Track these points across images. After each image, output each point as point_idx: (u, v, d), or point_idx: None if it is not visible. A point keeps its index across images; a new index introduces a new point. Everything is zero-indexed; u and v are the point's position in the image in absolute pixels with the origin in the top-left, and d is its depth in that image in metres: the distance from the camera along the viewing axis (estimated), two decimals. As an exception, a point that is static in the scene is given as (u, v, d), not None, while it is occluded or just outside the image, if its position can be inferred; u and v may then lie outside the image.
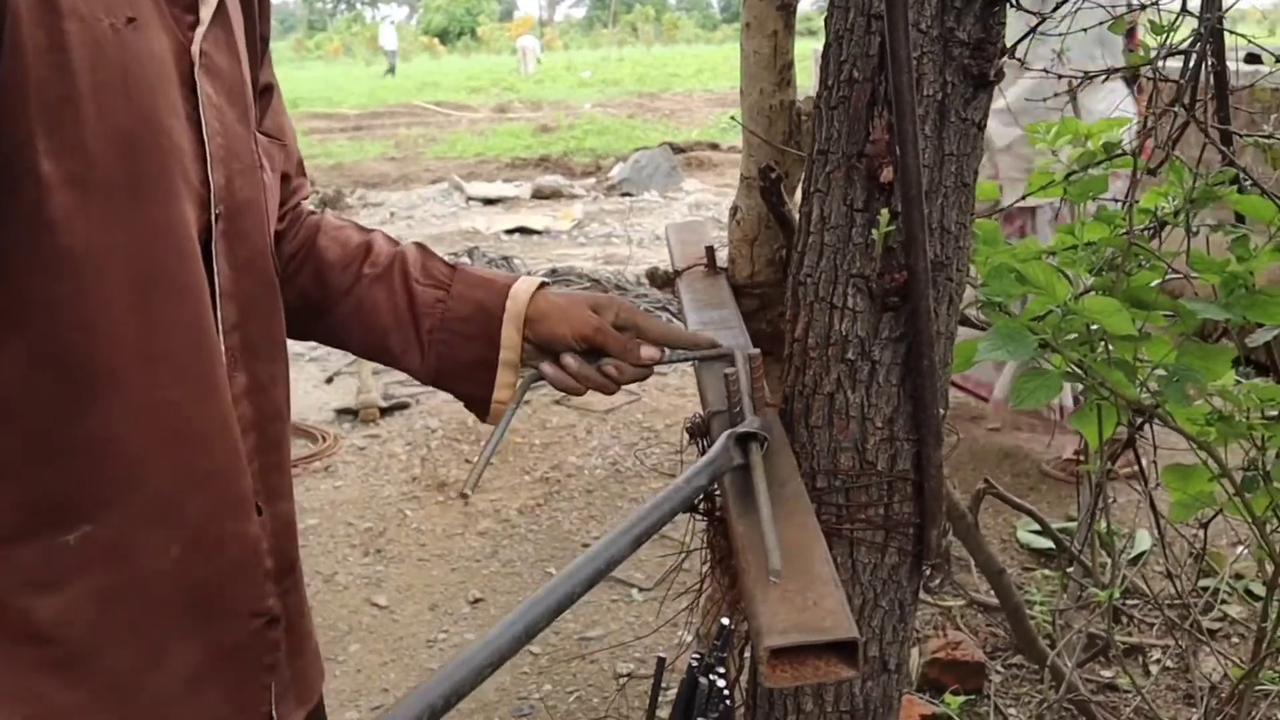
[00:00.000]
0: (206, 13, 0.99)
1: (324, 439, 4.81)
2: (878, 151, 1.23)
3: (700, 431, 1.32)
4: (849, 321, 1.27)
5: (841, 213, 1.27)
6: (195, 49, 0.98)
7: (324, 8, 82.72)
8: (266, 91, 1.19)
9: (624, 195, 11.92)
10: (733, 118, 1.85)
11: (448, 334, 1.26)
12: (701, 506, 1.38)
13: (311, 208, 1.34)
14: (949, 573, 1.30)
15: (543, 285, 1.29)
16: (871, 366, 1.27)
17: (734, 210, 1.84)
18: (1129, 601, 3.18)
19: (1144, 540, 3.46)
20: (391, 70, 35.03)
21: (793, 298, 1.33)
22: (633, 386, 5.56)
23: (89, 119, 0.87)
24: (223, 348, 1.01)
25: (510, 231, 10.03)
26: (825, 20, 1.30)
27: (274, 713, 1.11)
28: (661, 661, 1.56)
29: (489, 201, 11.68)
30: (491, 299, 1.26)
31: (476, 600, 3.66)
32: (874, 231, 1.22)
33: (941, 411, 1.28)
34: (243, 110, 1.05)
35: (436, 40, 51.38)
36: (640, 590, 3.64)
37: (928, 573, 1.31)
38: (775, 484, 1.13)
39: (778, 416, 1.30)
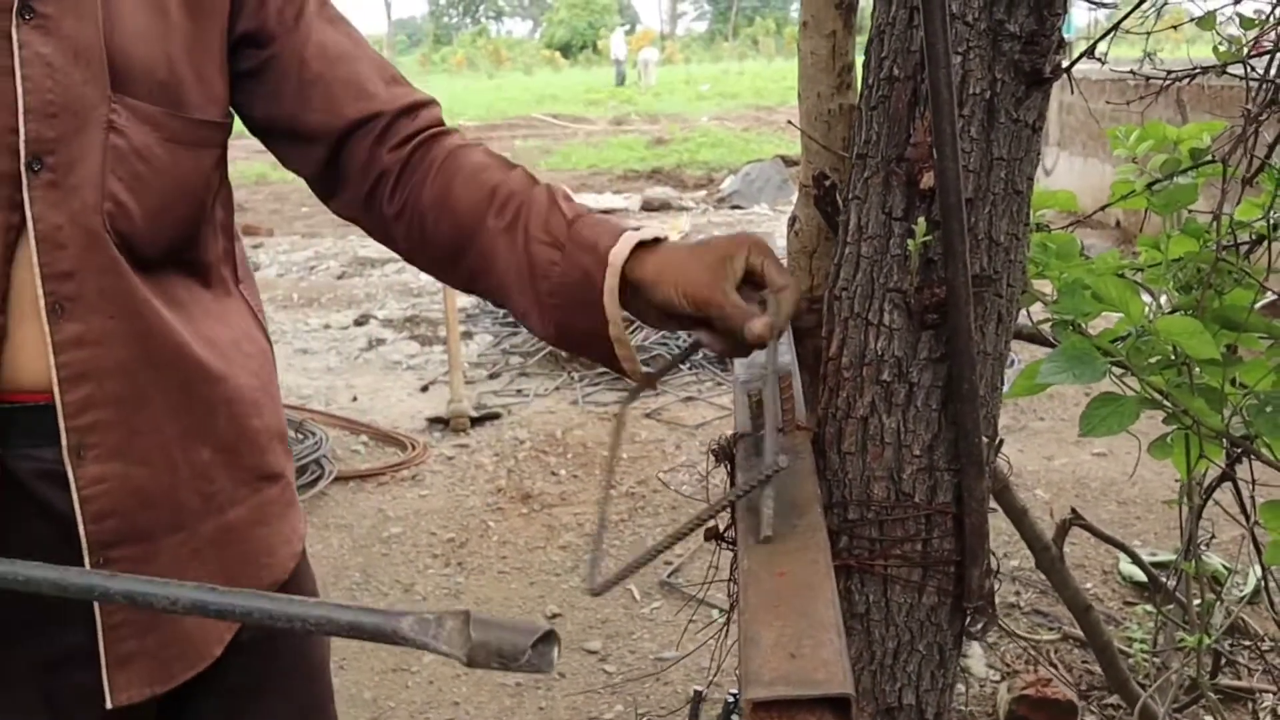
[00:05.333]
0: None
1: (413, 447, 4.81)
2: (919, 155, 1.13)
3: (725, 454, 1.23)
4: (885, 340, 1.17)
5: (880, 221, 1.17)
6: (16, 4, 1.05)
7: (450, 22, 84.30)
8: (271, 36, 1.22)
9: (734, 208, 11.82)
10: (790, 122, 1.75)
11: (563, 299, 1.16)
12: (727, 535, 1.29)
13: (457, 141, 1.27)
14: (994, 617, 1.18)
15: (649, 243, 1.13)
16: (909, 389, 1.16)
17: (792, 220, 1.74)
18: (1236, 642, 2.97)
19: (1254, 576, 3.24)
20: (621, 79, 34.39)
21: (828, 313, 1.24)
22: (725, 401, 5.49)
23: None
24: (40, 292, 1.08)
25: (616, 243, 10.00)
26: (870, 14, 1.21)
27: (105, 678, 1.14)
28: (698, 695, 1.47)
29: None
30: (595, 266, 1.14)
31: (554, 615, 3.59)
32: (911, 242, 1.12)
33: (986, 439, 1.17)
34: (95, 74, 1.10)
35: (558, 54, 51.93)
36: (720, 611, 3.54)
37: (970, 616, 1.20)
38: (793, 514, 1.04)
39: (808, 441, 1.20)
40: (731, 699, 1.28)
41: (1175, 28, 1.56)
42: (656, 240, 1.14)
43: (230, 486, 1.25)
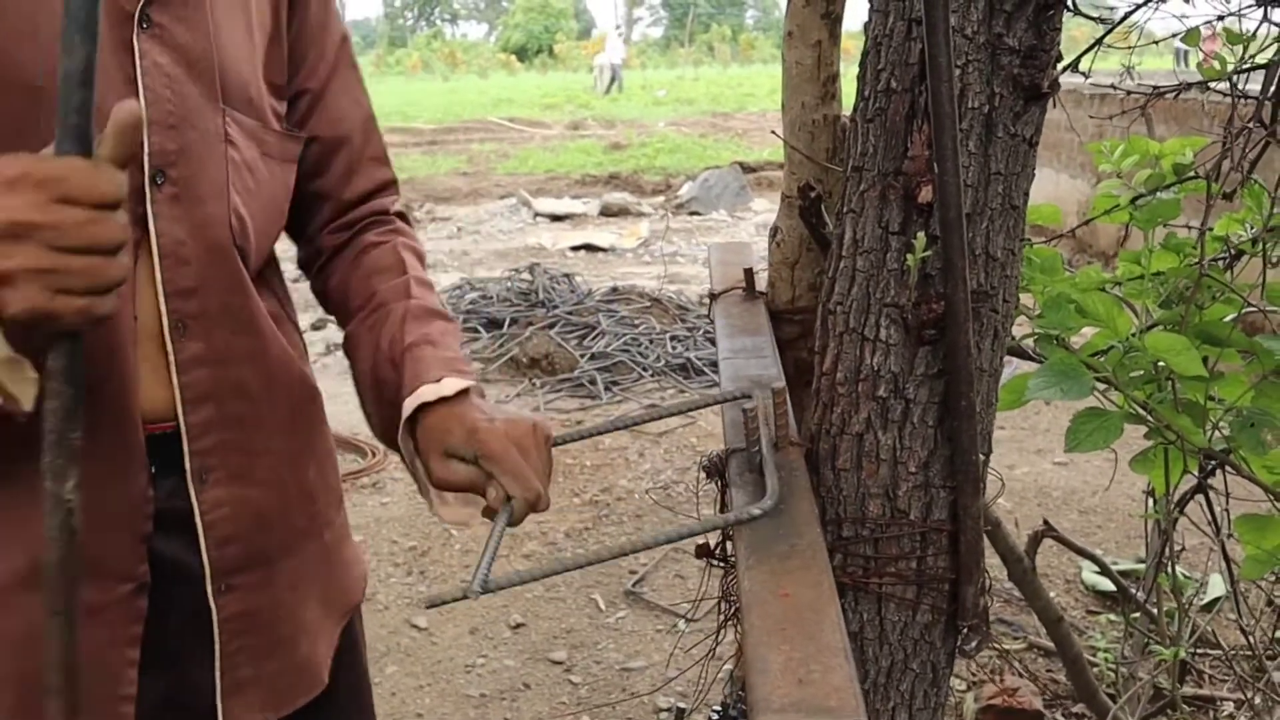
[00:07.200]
0: None
1: (373, 454, 4.75)
2: (916, 169, 1.12)
3: (717, 470, 1.22)
4: (881, 355, 1.15)
5: (876, 235, 1.16)
6: (137, 13, 1.01)
7: (405, 24, 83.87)
8: (305, 96, 1.22)
9: (692, 214, 11.82)
10: (774, 133, 1.74)
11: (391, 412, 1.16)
12: (718, 552, 1.27)
13: (372, 239, 1.29)
14: (987, 635, 1.17)
15: (444, 399, 1.12)
16: (905, 405, 1.15)
17: (774, 231, 1.73)
18: (1200, 652, 3.00)
19: (1217, 585, 3.28)
20: (619, 86, 31.30)
21: (822, 327, 1.22)
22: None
23: None
24: (164, 310, 1.03)
25: (576, 248, 9.98)
26: (864, 26, 1.19)
27: (219, 705, 1.10)
28: (681, 713, 1.45)
29: (556, 218, 11.65)
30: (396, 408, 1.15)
31: (518, 625, 3.56)
32: (909, 257, 1.11)
33: (983, 456, 1.16)
34: (208, 86, 1.07)
35: (514, 57, 51.75)
36: (686, 621, 3.52)
37: (964, 633, 1.19)
38: (792, 535, 1.03)
39: (802, 458, 1.19)
40: (715, 715, 1.26)
41: (1156, 43, 1.57)
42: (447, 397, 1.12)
43: (326, 506, 1.23)
